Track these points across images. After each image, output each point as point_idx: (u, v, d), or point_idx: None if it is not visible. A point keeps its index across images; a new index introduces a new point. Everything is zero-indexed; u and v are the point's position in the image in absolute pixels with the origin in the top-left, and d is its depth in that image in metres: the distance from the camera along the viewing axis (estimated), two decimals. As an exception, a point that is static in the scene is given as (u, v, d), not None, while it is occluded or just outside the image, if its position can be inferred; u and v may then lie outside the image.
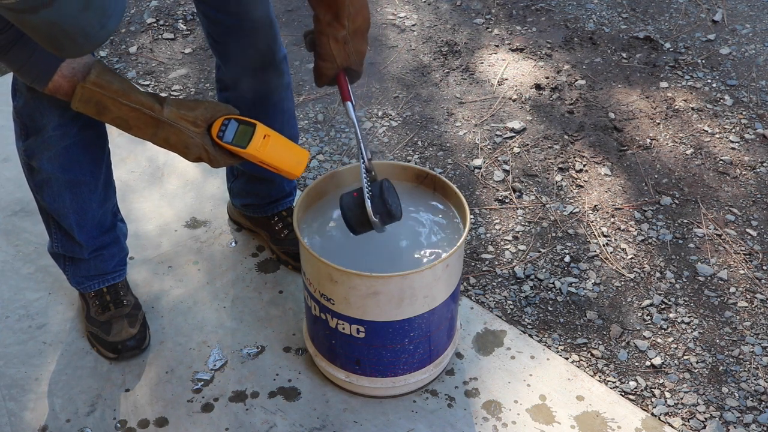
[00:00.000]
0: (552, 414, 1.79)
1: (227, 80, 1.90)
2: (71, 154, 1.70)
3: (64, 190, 1.76)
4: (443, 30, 3.01)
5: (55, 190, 1.76)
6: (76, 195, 1.77)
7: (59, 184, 1.75)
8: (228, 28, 1.79)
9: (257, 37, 1.80)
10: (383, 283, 1.59)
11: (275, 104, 1.91)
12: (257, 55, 1.83)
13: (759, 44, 2.91)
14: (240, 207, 2.15)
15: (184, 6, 3.13)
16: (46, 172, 1.73)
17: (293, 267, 2.09)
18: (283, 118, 1.95)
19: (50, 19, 1.02)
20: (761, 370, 1.90)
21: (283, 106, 1.93)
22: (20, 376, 1.88)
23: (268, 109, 1.91)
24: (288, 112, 1.96)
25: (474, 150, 2.50)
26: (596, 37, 2.96)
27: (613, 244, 2.20)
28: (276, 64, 1.86)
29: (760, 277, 2.11)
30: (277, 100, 1.91)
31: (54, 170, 1.72)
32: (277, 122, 1.94)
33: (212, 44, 1.86)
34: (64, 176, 1.73)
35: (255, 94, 1.87)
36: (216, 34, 1.82)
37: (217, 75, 1.94)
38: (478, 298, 2.05)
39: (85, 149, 1.72)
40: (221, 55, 1.87)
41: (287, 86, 1.92)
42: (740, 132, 2.55)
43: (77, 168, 1.73)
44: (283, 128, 1.96)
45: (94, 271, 1.91)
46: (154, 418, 1.79)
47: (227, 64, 1.87)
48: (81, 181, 1.75)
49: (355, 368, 1.77)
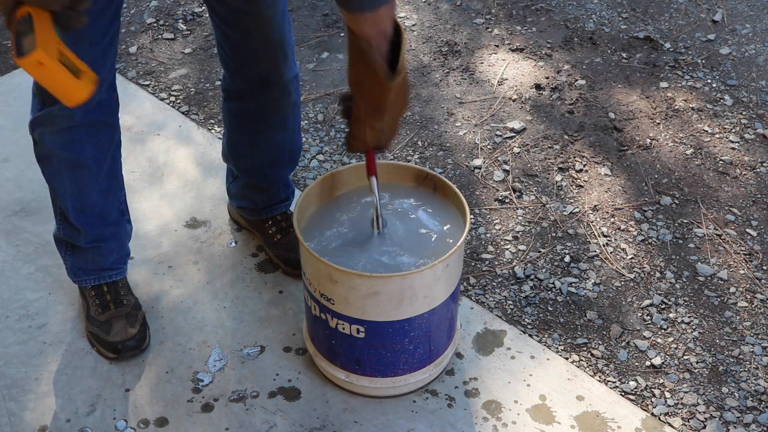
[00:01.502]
0: (552, 414, 1.79)
1: (231, 91, 1.90)
2: (74, 134, 1.70)
3: (64, 169, 1.75)
4: (443, 30, 3.01)
5: (55, 167, 1.76)
6: (76, 177, 1.77)
7: (59, 162, 1.74)
8: (239, 44, 1.78)
9: (266, 58, 1.79)
10: (383, 283, 1.59)
11: (280, 120, 1.91)
12: (265, 75, 1.82)
13: (759, 44, 2.91)
14: (236, 208, 2.16)
15: (184, 6, 3.13)
16: (47, 147, 1.73)
17: (284, 271, 2.09)
18: (286, 134, 1.95)
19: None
20: (761, 370, 1.90)
21: (287, 123, 1.93)
22: (20, 376, 1.88)
23: (272, 124, 1.90)
24: (292, 128, 1.96)
25: (474, 150, 2.50)
26: (596, 37, 2.96)
27: (613, 244, 2.20)
28: (284, 85, 1.85)
29: (760, 277, 2.11)
30: (282, 117, 1.91)
31: (55, 147, 1.72)
32: (278, 137, 1.94)
33: (221, 54, 1.85)
34: (65, 154, 1.73)
35: (260, 109, 1.87)
36: (226, 46, 1.81)
37: (223, 84, 1.93)
38: (478, 298, 2.05)
39: (89, 133, 1.72)
40: (228, 67, 1.86)
41: (294, 104, 1.91)
42: (740, 132, 2.55)
43: (79, 149, 1.73)
44: (284, 143, 1.96)
45: (92, 265, 1.91)
46: (154, 418, 1.79)
47: (232, 77, 1.87)
48: (82, 164, 1.75)
49: (355, 368, 1.77)
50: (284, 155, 1.99)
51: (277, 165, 2.01)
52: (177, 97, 2.70)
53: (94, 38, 1.59)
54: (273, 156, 1.98)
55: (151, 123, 2.58)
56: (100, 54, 1.62)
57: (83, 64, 1.33)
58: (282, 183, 2.06)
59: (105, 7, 1.58)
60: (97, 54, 1.61)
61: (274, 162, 2.00)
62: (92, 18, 1.54)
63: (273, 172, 2.02)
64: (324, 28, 3.04)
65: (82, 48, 1.56)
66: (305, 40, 2.97)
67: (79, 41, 1.55)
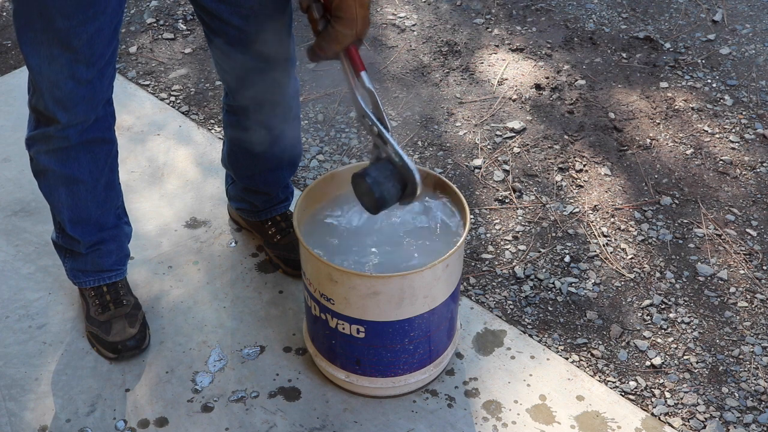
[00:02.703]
0: (552, 414, 1.79)
1: (234, 107, 1.89)
2: (71, 152, 1.70)
3: (60, 185, 1.75)
4: (443, 30, 3.01)
5: (51, 183, 1.76)
6: (72, 192, 1.76)
7: (55, 178, 1.74)
8: (243, 65, 1.75)
9: (271, 77, 1.78)
10: (383, 283, 1.59)
11: (281, 134, 1.91)
12: (268, 94, 1.81)
13: (759, 44, 2.91)
14: (236, 210, 2.16)
15: (184, 6, 3.13)
16: (42, 165, 1.73)
17: (284, 272, 2.09)
18: (287, 144, 1.94)
19: None
20: (761, 370, 1.90)
21: (288, 134, 1.93)
22: (20, 376, 1.88)
23: (273, 138, 1.90)
24: (293, 138, 1.96)
25: (474, 150, 2.50)
26: (596, 37, 2.96)
27: (613, 244, 2.20)
28: (286, 102, 1.85)
29: (760, 277, 2.11)
30: (281, 130, 1.90)
31: (50, 164, 1.72)
32: (279, 148, 1.93)
33: (220, 72, 1.83)
34: (60, 171, 1.72)
35: (261, 125, 1.87)
36: (226, 65, 1.78)
37: (224, 99, 1.92)
38: (478, 298, 2.05)
39: (85, 150, 1.71)
40: (229, 85, 1.84)
41: (295, 117, 1.92)
42: (740, 132, 2.55)
43: (75, 166, 1.72)
44: (284, 152, 1.96)
45: (91, 266, 1.91)
46: (154, 418, 1.79)
47: (235, 97, 1.85)
48: (78, 179, 1.74)
49: (355, 368, 1.77)
50: (284, 163, 1.99)
51: (277, 171, 2.01)
52: (177, 97, 2.70)
53: (92, 59, 1.56)
54: (273, 164, 1.98)
55: (151, 123, 2.58)
56: (97, 75, 1.59)
57: None
58: (281, 185, 2.06)
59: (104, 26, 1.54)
60: (95, 74, 1.58)
61: (274, 169, 2.00)
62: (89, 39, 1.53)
63: (272, 177, 2.02)
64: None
65: (79, 69, 1.55)
66: (305, 40, 2.97)
67: (76, 63, 1.54)
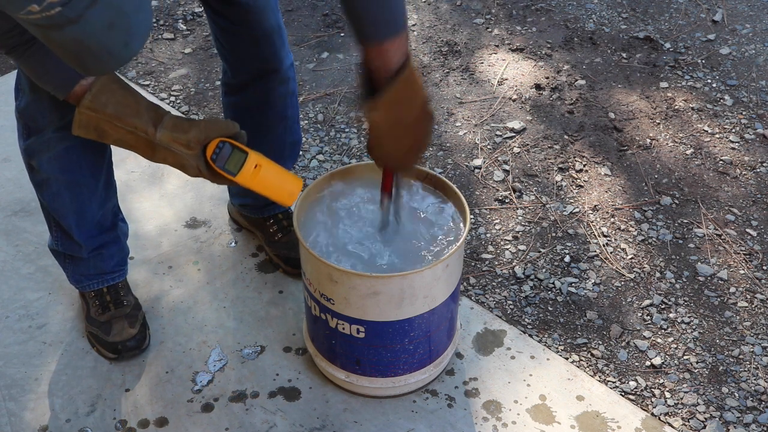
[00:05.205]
0: (552, 414, 1.79)
1: (233, 85, 1.91)
2: (71, 155, 1.70)
3: (64, 191, 1.76)
4: (443, 30, 3.01)
5: (55, 190, 1.76)
6: (75, 196, 1.77)
7: (59, 185, 1.75)
8: (237, 35, 1.79)
9: (265, 46, 1.80)
10: (383, 283, 1.59)
11: (279, 111, 1.92)
12: (264, 63, 1.83)
13: (759, 44, 2.91)
14: (238, 206, 2.16)
15: (184, 6, 3.13)
16: (45, 173, 1.73)
17: (284, 271, 2.09)
18: (286, 123, 1.95)
19: (75, 37, 1.00)
20: (761, 370, 1.90)
21: (286, 113, 1.94)
22: (20, 376, 1.88)
23: (271, 116, 1.91)
24: (291, 118, 1.96)
25: (474, 150, 2.50)
26: (596, 37, 2.96)
27: (613, 244, 2.20)
28: (282, 72, 1.86)
29: (760, 277, 2.11)
30: (281, 107, 1.91)
31: (53, 171, 1.72)
32: (279, 128, 1.94)
33: (219, 48, 1.86)
34: (63, 177, 1.73)
35: (259, 101, 1.88)
36: (224, 39, 1.82)
37: (222, 79, 1.95)
38: (478, 298, 2.05)
39: (85, 151, 1.72)
40: (228, 61, 1.87)
41: (292, 93, 1.93)
42: (740, 132, 2.55)
43: (77, 170, 1.73)
44: (285, 134, 1.96)
45: (94, 270, 1.91)
46: (154, 418, 1.79)
47: (234, 70, 1.88)
48: (81, 182, 1.75)
49: (355, 368, 1.77)
50: (285, 147, 2.00)
51: (279, 158, 2.01)
52: (177, 97, 2.70)
53: None
54: (274, 148, 1.98)
55: (151, 123, 2.58)
56: None
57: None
58: None
59: None
60: None
61: (276, 155, 2.00)
62: None
63: None
64: (324, 28, 3.04)
65: None
66: (305, 40, 2.97)
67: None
